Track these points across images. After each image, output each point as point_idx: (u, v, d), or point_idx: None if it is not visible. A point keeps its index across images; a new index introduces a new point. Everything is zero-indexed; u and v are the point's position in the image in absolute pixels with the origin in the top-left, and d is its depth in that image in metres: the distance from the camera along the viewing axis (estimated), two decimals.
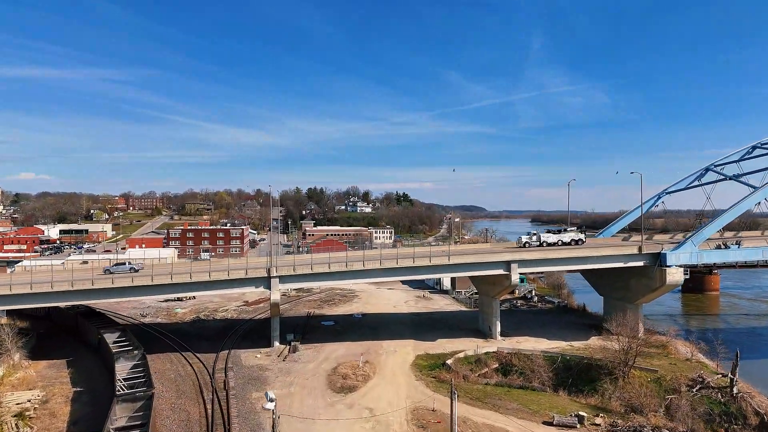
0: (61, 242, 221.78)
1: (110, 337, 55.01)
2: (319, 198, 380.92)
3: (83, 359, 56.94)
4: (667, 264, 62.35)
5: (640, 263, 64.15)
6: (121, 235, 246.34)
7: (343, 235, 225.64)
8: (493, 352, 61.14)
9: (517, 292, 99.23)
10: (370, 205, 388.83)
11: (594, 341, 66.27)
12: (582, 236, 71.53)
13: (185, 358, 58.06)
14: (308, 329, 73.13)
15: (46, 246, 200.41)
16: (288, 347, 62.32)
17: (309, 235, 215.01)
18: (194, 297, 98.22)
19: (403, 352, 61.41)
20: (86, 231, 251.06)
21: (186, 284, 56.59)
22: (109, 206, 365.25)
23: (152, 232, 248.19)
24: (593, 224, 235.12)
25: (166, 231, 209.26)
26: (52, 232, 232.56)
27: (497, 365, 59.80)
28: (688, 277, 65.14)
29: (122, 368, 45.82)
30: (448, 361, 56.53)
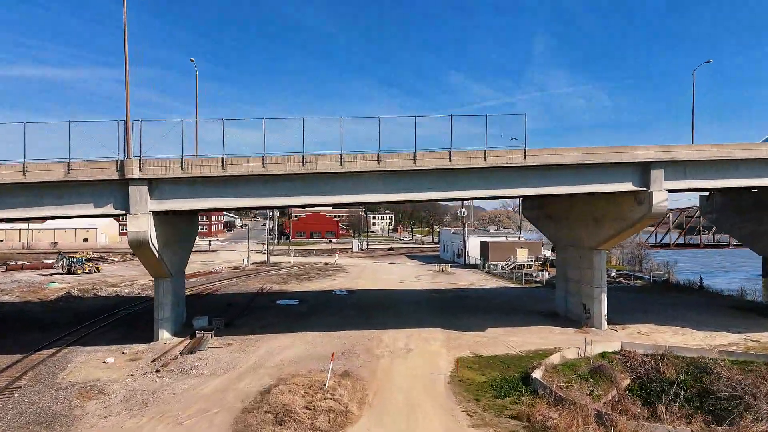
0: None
1: None
2: None
3: None
4: None
5: None
6: None
7: (335, 217, 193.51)
8: (615, 353, 29.37)
9: None
10: None
11: None
12: None
13: None
14: (249, 311, 41.23)
15: None
16: (187, 342, 30.42)
17: (294, 216, 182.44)
18: (97, 269, 66.18)
19: (426, 351, 29.37)
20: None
21: None
22: None
23: None
24: None
25: None
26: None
27: (629, 380, 28.01)
28: None
29: None
30: (535, 374, 24.49)
